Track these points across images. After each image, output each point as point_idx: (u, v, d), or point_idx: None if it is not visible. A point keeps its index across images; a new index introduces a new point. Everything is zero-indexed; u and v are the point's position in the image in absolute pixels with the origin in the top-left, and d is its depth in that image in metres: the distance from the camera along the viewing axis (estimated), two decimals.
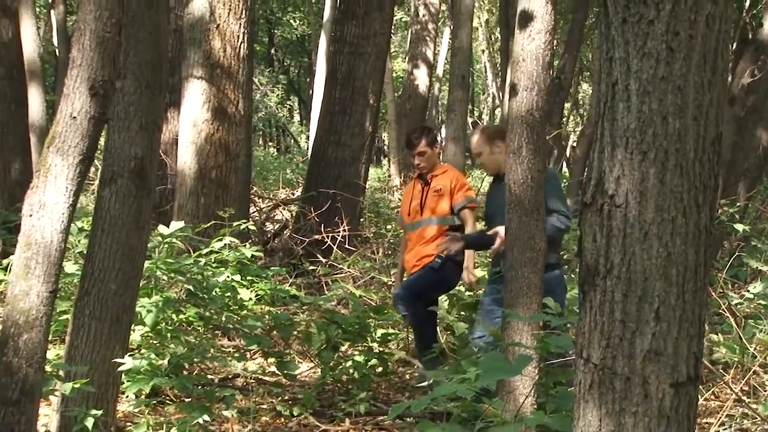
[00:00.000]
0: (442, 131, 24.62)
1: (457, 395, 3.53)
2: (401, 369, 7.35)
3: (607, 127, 2.15)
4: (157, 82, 4.71)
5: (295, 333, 7.39)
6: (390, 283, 9.80)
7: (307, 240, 10.98)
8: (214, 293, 7.08)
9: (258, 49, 36.28)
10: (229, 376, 6.93)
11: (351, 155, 11.84)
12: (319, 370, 7.04)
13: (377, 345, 7.25)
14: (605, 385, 2.16)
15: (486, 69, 38.24)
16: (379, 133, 29.49)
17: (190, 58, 10.31)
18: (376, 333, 7.20)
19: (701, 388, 5.30)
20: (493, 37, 32.85)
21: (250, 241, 10.25)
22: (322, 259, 10.64)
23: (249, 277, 8.19)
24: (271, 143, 48.63)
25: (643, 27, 2.08)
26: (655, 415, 2.13)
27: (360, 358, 6.93)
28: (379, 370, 6.99)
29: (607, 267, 2.15)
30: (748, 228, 8.80)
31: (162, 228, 7.51)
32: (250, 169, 12.69)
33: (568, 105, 28.12)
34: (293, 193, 16.56)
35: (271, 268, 9.11)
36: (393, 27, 15.88)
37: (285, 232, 12.63)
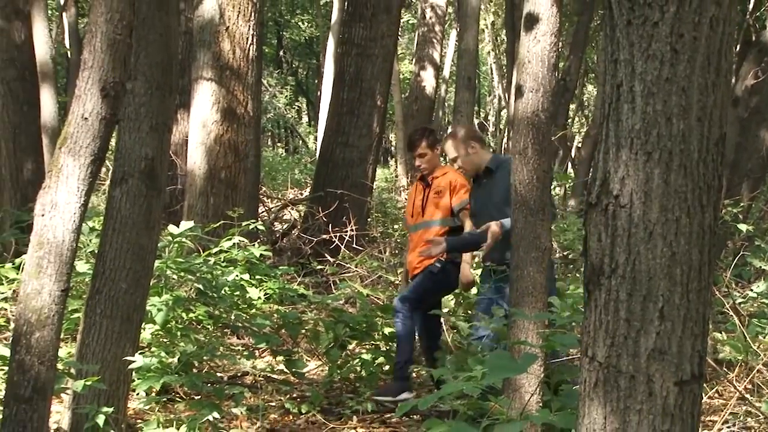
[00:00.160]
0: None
1: (463, 393, 3.53)
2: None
3: (612, 128, 2.15)
4: (167, 83, 4.71)
5: (303, 331, 7.40)
6: (397, 282, 9.80)
7: (315, 239, 10.99)
8: (223, 292, 7.09)
9: (267, 50, 36.30)
10: (238, 374, 6.94)
11: (358, 156, 11.84)
12: (326, 368, 7.05)
13: (384, 343, 7.25)
14: (610, 383, 2.16)
15: (492, 71, 38.16)
16: (386, 134, 29.51)
17: (199, 60, 10.32)
18: (384, 331, 7.20)
19: (705, 386, 5.29)
20: (499, 39, 32.80)
21: (258, 240, 10.27)
22: (329, 258, 10.65)
23: (258, 276, 8.20)
24: (279, 144, 48.62)
25: (647, 29, 2.08)
26: (659, 413, 2.12)
27: (367, 357, 6.94)
28: (387, 368, 6.99)
29: (612, 266, 2.15)
30: (752, 228, 8.77)
31: (172, 228, 7.52)
32: (259, 170, 12.70)
33: (573, 106, 28.08)
34: (301, 193, 16.56)
35: (280, 268, 9.12)
36: (400, 29, 15.86)
37: (293, 232, 12.64)
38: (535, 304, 4.55)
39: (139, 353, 4.97)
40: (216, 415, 5.03)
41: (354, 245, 10.95)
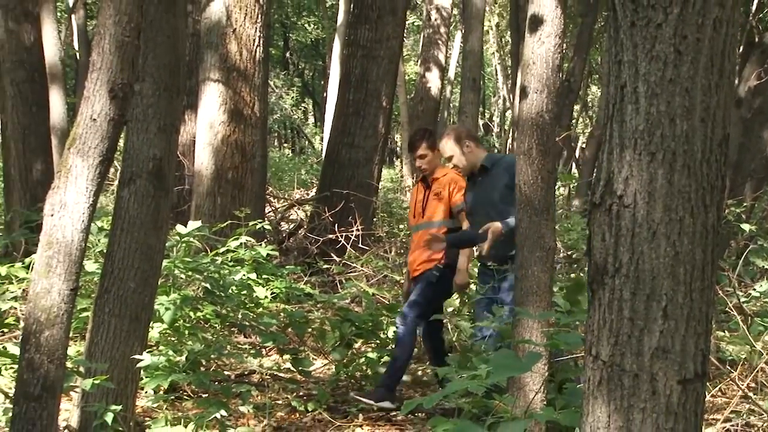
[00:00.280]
0: None
1: (468, 391, 3.53)
2: (413, 366, 7.35)
3: (615, 128, 2.15)
4: (174, 84, 4.72)
5: (309, 330, 7.41)
6: (402, 281, 9.80)
7: (321, 239, 10.99)
8: (230, 291, 7.10)
9: (273, 52, 36.32)
10: (245, 373, 6.94)
11: (364, 156, 11.84)
12: (333, 367, 7.05)
13: (390, 342, 7.25)
14: (614, 381, 2.15)
15: (497, 72, 38.14)
16: (391, 134, 29.50)
17: (207, 62, 10.34)
18: (389, 330, 7.20)
19: (708, 384, 5.28)
20: (503, 40, 32.79)
21: (265, 240, 10.27)
22: (335, 258, 10.65)
23: (264, 276, 8.20)
24: (286, 144, 48.65)
25: (651, 30, 2.08)
26: (662, 411, 2.12)
27: (373, 355, 6.94)
28: None
29: (616, 266, 2.14)
30: (755, 228, 8.77)
31: (180, 227, 7.53)
32: (266, 170, 12.71)
33: (577, 107, 28.06)
34: (308, 194, 16.56)
35: (286, 267, 9.13)
36: (405, 31, 15.85)
37: (300, 232, 12.64)
38: (540, 303, 4.55)
39: (148, 352, 4.98)
40: (223, 413, 5.03)
41: (360, 245, 10.95)
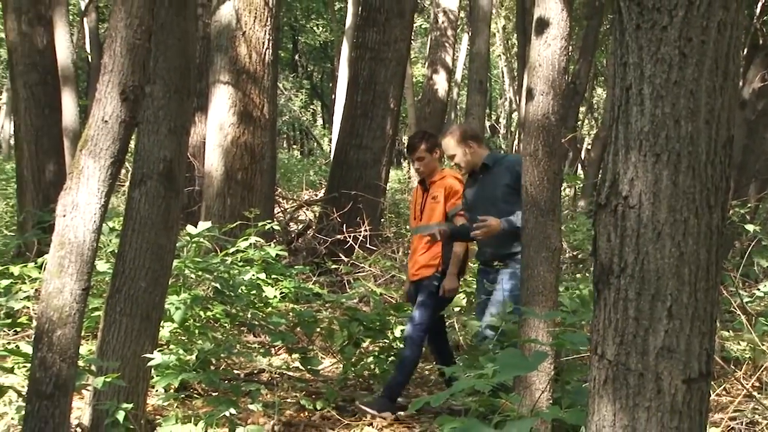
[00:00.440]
0: None
1: (475, 390, 3.53)
2: (421, 365, 7.34)
3: (621, 130, 2.15)
4: (185, 87, 4.72)
5: (318, 330, 7.40)
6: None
7: (329, 240, 10.99)
8: (240, 291, 7.10)
9: (282, 55, 36.38)
10: (255, 371, 6.95)
11: (372, 157, 11.84)
12: (341, 366, 7.05)
13: (397, 341, 7.24)
14: (619, 380, 2.15)
15: (503, 74, 38.12)
16: (399, 136, 29.49)
17: (216, 64, 10.35)
18: (396, 330, 7.20)
19: (713, 383, 5.27)
20: (510, 43, 32.77)
21: (274, 240, 10.28)
22: (344, 258, 10.65)
23: (274, 276, 8.20)
24: (295, 146, 48.70)
25: (656, 33, 2.08)
26: (667, 410, 2.12)
27: (381, 354, 6.94)
28: None
29: (621, 266, 2.14)
30: (759, 228, 8.74)
31: (190, 228, 7.53)
32: (275, 171, 12.72)
33: (583, 109, 28.02)
34: (316, 195, 16.55)
35: (295, 267, 9.13)
36: (413, 33, 15.84)
37: (308, 232, 12.65)
38: (546, 303, 4.54)
39: (158, 351, 4.98)
40: (233, 411, 5.03)
41: (368, 245, 10.95)
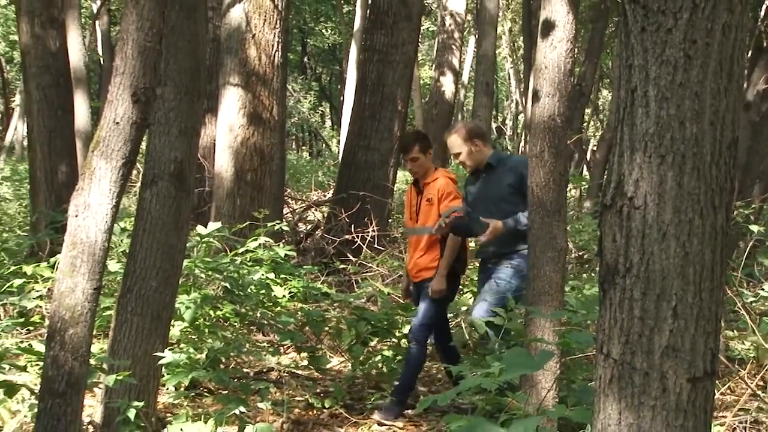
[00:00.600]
0: None
1: (481, 389, 3.53)
2: (428, 363, 7.34)
3: (626, 131, 2.14)
4: (195, 89, 4.73)
5: (326, 329, 7.41)
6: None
7: (337, 240, 10.98)
8: (249, 290, 7.11)
9: (291, 57, 36.40)
10: (264, 370, 6.95)
11: (380, 159, 11.83)
12: (349, 365, 7.05)
13: (405, 340, 7.24)
14: (625, 379, 2.15)
15: (509, 76, 38.12)
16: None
17: (226, 66, 10.36)
18: (405, 329, 7.19)
19: (717, 382, 5.26)
20: (516, 45, 32.77)
21: (283, 240, 10.29)
22: (352, 258, 10.64)
23: (282, 275, 8.21)
24: (303, 147, 48.73)
25: (661, 35, 2.07)
26: (672, 409, 2.12)
27: (388, 353, 6.94)
28: None
29: (627, 266, 2.14)
30: (763, 229, 8.71)
31: (200, 228, 7.54)
32: (284, 172, 12.72)
33: (588, 110, 27.99)
34: (325, 195, 16.56)
35: (304, 267, 9.13)
36: (420, 36, 15.85)
37: (317, 233, 12.64)
38: (551, 302, 4.54)
39: (169, 349, 4.99)
40: (242, 409, 5.04)
41: (375, 245, 10.94)
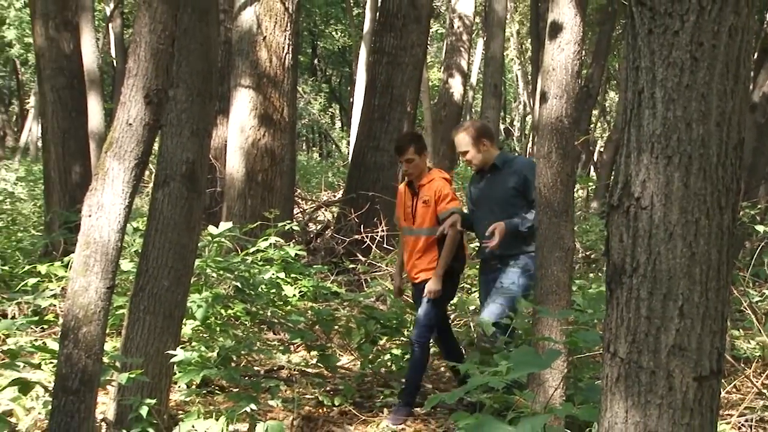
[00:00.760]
0: None
1: (489, 387, 3.53)
2: (436, 362, 7.34)
3: (633, 132, 2.14)
4: (207, 90, 4.74)
5: (336, 327, 7.41)
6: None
7: (347, 240, 10.98)
8: (260, 290, 7.11)
9: (302, 59, 36.42)
10: (274, 368, 6.95)
11: (389, 160, 11.81)
12: (358, 363, 7.05)
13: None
14: (631, 378, 2.15)
15: (517, 78, 38.09)
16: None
17: (238, 68, 10.38)
18: (412, 327, 7.19)
19: (723, 381, 5.25)
20: (524, 47, 32.73)
21: (294, 240, 10.30)
22: (361, 257, 10.64)
23: (293, 275, 8.21)
24: (314, 148, 48.78)
25: (668, 37, 2.07)
26: (679, 407, 2.11)
27: (397, 352, 6.94)
28: None
29: (633, 266, 2.14)
30: None
31: (211, 228, 7.55)
32: (294, 173, 12.72)
33: (595, 112, 27.95)
34: (335, 196, 16.56)
35: (314, 266, 9.14)
36: (429, 38, 15.83)
37: (327, 232, 12.65)
38: (559, 302, 4.53)
39: (181, 348, 5.00)
40: (253, 406, 5.04)
41: (384, 245, 10.93)
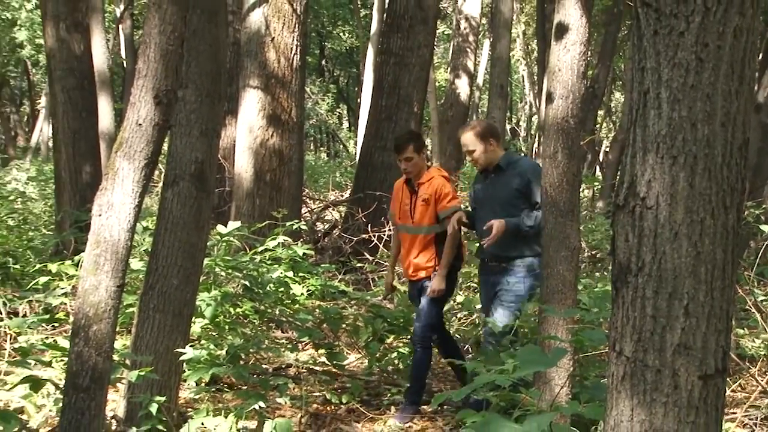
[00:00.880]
0: None
1: (495, 385, 3.53)
2: (443, 360, 7.34)
3: (639, 133, 2.14)
4: (216, 91, 4.74)
5: (343, 326, 7.41)
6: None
7: (355, 239, 10.99)
8: (268, 288, 7.12)
9: (310, 60, 36.41)
10: (283, 366, 6.96)
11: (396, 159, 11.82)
12: (366, 361, 7.05)
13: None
14: (637, 376, 2.14)
15: (523, 78, 38.07)
16: (425, 144, 29.43)
17: (246, 69, 10.39)
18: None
19: (728, 380, 5.24)
20: (530, 48, 32.69)
21: (301, 239, 10.30)
22: (368, 256, 10.65)
23: (301, 274, 8.21)
24: (321, 148, 48.81)
25: (673, 38, 2.07)
26: (684, 406, 2.11)
27: (404, 350, 6.94)
28: None
29: (639, 265, 2.13)
30: None
31: (220, 227, 7.56)
32: (302, 173, 12.74)
33: (601, 112, 27.91)
34: (342, 195, 16.58)
35: (322, 265, 9.14)
36: (436, 39, 15.82)
37: (334, 232, 12.65)
38: (565, 301, 4.53)
39: (190, 346, 5.00)
40: (261, 404, 5.05)
41: (392, 244, 10.93)
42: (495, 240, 5.61)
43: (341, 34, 38.21)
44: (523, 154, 27.77)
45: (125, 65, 27.51)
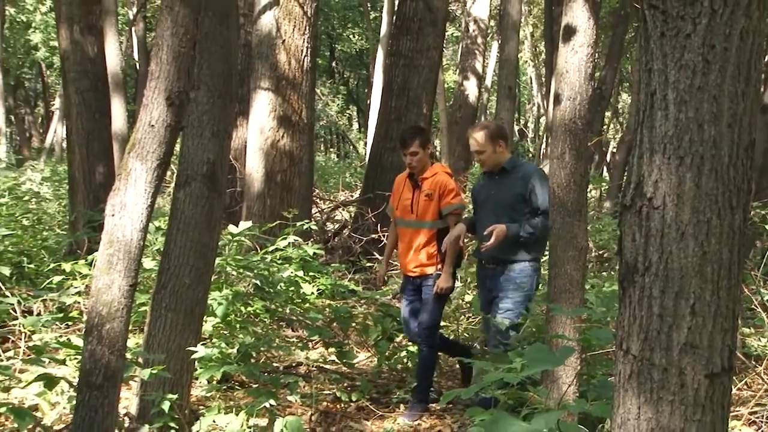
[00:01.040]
0: None
1: (504, 383, 3.52)
2: (451, 359, 7.33)
3: (646, 134, 2.13)
4: (228, 92, 4.75)
5: (353, 325, 7.41)
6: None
7: (364, 239, 11.00)
8: (279, 287, 7.12)
9: (320, 62, 36.44)
10: (293, 364, 6.97)
11: None
12: (375, 359, 7.06)
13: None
14: (644, 375, 2.14)
15: (531, 80, 38.03)
16: (431, 140, 29.43)
17: (257, 71, 10.40)
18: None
19: (734, 378, 5.22)
20: (538, 50, 32.65)
21: (312, 239, 10.31)
22: (378, 256, 10.65)
23: (311, 273, 8.22)
24: (331, 149, 48.85)
25: (680, 40, 2.06)
26: (690, 404, 2.11)
27: (413, 349, 6.93)
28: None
29: (646, 265, 2.13)
30: None
31: (232, 227, 7.57)
32: (313, 173, 12.74)
33: (608, 114, 27.86)
34: (352, 196, 16.57)
35: (332, 265, 9.14)
36: (445, 41, 15.82)
37: (344, 232, 12.65)
38: (572, 300, 4.52)
39: (201, 344, 5.01)
40: (272, 402, 5.05)
41: None
42: (494, 245, 5.60)
43: (351, 37, 38.24)
44: (531, 156, 27.70)
45: (138, 67, 27.58)
